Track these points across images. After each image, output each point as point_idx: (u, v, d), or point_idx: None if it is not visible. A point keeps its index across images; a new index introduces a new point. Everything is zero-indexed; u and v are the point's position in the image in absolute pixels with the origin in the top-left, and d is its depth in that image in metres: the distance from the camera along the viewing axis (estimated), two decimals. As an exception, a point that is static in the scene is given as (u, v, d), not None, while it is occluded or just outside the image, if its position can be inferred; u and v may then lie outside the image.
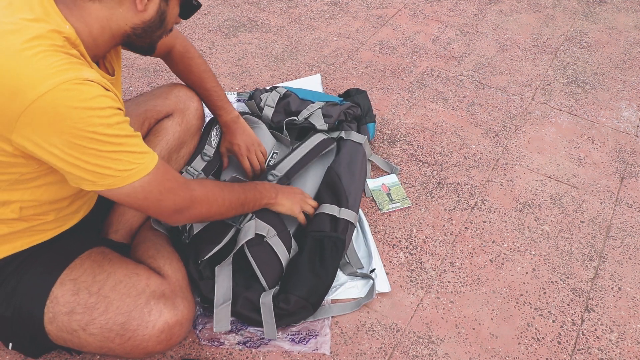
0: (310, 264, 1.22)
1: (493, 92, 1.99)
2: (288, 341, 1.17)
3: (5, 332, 1.02)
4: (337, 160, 1.48)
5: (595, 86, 2.04)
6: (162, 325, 0.98)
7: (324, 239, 1.27)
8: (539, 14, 2.48)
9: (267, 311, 1.16)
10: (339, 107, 1.59)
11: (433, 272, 1.35)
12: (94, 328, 0.96)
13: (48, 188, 0.95)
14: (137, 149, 0.89)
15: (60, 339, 0.99)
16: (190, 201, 1.00)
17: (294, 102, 1.61)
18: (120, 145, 0.85)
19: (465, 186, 1.60)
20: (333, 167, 1.46)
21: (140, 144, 0.90)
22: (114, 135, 0.83)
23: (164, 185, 0.94)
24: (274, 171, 1.44)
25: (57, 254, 1.02)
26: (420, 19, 2.40)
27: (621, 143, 1.79)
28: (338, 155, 1.50)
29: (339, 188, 1.39)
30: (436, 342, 1.21)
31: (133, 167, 0.88)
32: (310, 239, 1.27)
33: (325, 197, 1.38)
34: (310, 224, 1.32)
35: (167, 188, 0.95)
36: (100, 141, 0.82)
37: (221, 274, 1.19)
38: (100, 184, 0.87)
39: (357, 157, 1.51)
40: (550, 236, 1.47)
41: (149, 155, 0.91)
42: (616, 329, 1.26)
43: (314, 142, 1.52)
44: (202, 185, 1.05)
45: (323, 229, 1.29)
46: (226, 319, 1.16)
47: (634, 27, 2.42)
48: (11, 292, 0.97)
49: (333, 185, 1.41)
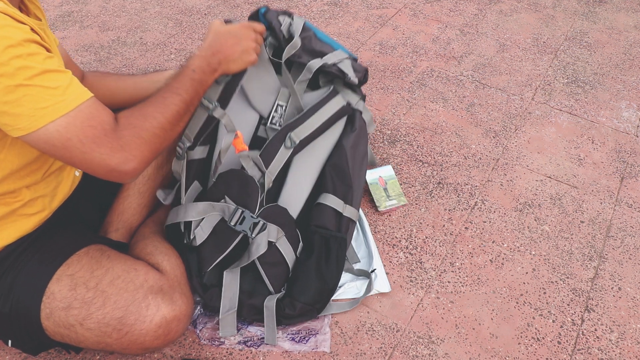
0: (317, 267, 1.19)
1: (493, 92, 1.99)
2: (288, 340, 1.17)
3: (4, 328, 1.02)
4: (348, 137, 1.26)
5: (595, 86, 2.04)
6: (159, 320, 0.98)
7: (330, 240, 1.21)
8: (539, 14, 2.48)
9: (269, 315, 1.15)
10: (360, 65, 1.34)
11: (433, 272, 1.35)
12: (91, 323, 0.96)
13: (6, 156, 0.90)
14: (54, 83, 0.78)
15: (57, 334, 0.99)
16: (122, 152, 0.84)
17: (314, 41, 1.29)
18: (32, 78, 0.76)
19: (465, 186, 1.60)
20: (344, 144, 1.24)
21: (62, 79, 0.80)
22: (25, 67, 0.75)
23: (85, 133, 0.81)
24: (292, 134, 1.19)
25: (54, 250, 1.02)
26: (420, 19, 2.40)
27: (621, 143, 1.79)
28: (350, 129, 1.28)
29: (346, 176, 1.24)
30: (436, 342, 1.21)
31: (47, 106, 0.77)
32: (318, 238, 1.21)
33: (330, 182, 1.23)
34: (314, 217, 1.22)
35: (90, 136, 0.81)
36: (8, 75, 0.74)
37: (228, 280, 1.16)
38: (18, 128, 0.77)
39: (363, 138, 1.30)
40: (550, 236, 1.47)
41: (72, 92, 0.80)
42: (616, 329, 1.26)
43: (336, 106, 1.25)
44: (130, 124, 0.87)
45: (328, 227, 1.22)
46: (232, 324, 1.15)
47: (634, 27, 2.42)
48: (9, 287, 0.98)
49: (341, 171, 1.24)
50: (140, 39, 2.24)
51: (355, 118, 1.29)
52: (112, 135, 0.84)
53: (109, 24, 2.33)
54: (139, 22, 2.35)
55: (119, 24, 2.34)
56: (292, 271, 1.20)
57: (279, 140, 1.20)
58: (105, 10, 2.44)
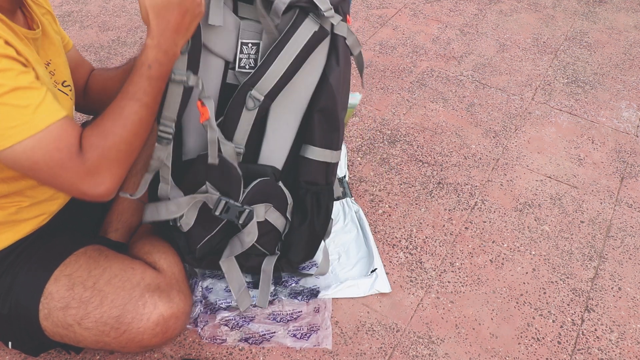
0: (310, 228, 1.20)
1: (493, 92, 1.99)
2: (290, 337, 1.17)
3: (4, 330, 1.02)
4: (333, 71, 1.07)
5: (595, 86, 2.04)
6: (157, 317, 0.98)
7: (320, 195, 1.16)
8: (539, 14, 2.48)
9: (265, 279, 1.18)
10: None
11: (433, 272, 1.35)
12: (89, 322, 0.96)
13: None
14: (24, 102, 0.75)
15: (56, 334, 0.99)
16: (90, 177, 0.82)
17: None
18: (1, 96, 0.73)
19: (465, 186, 1.60)
20: (331, 81, 1.07)
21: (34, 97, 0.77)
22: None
23: (52, 156, 0.78)
24: (252, 92, 1.03)
25: (52, 251, 1.02)
26: (420, 19, 2.40)
27: (621, 143, 1.79)
28: (336, 62, 1.08)
29: (335, 120, 1.10)
30: (436, 342, 1.21)
31: (15, 125, 0.75)
32: (309, 196, 1.16)
33: (318, 131, 1.10)
34: (302, 172, 1.14)
35: (56, 160, 0.79)
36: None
37: (226, 267, 1.17)
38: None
39: (348, 66, 1.12)
40: (550, 236, 1.47)
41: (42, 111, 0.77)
42: (616, 329, 1.26)
43: (305, 35, 1.01)
44: (92, 145, 0.83)
45: (318, 182, 1.15)
46: (247, 298, 1.19)
47: (634, 27, 2.42)
48: (7, 289, 0.98)
49: (331, 115, 1.09)
50: (140, 39, 2.24)
51: (338, 45, 1.08)
52: (77, 160, 0.81)
53: (109, 24, 2.33)
54: (139, 22, 2.35)
55: (119, 24, 2.34)
56: (286, 235, 1.21)
57: (239, 103, 1.05)
58: (105, 10, 2.44)
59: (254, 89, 1.03)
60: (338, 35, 1.08)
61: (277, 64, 1.02)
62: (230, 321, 1.19)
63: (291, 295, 1.24)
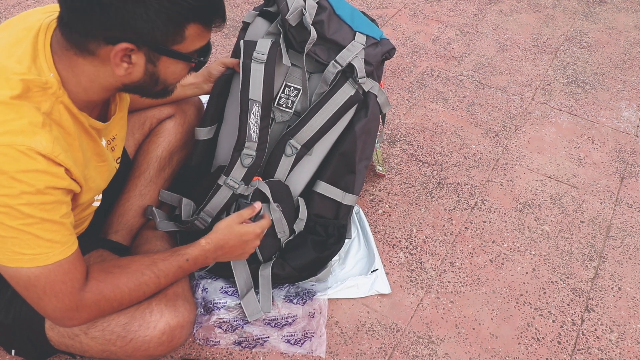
0: (315, 240, 1.24)
1: (493, 92, 1.99)
2: (283, 342, 1.17)
3: (7, 338, 1.02)
4: (360, 121, 1.21)
5: (595, 86, 2.04)
6: (163, 326, 0.98)
7: (328, 227, 1.26)
8: (539, 14, 2.48)
9: (265, 284, 1.19)
10: (380, 49, 1.23)
11: (433, 272, 1.36)
12: (95, 331, 0.96)
13: None
14: (48, 235, 0.79)
15: (62, 344, 0.98)
16: (73, 312, 0.87)
17: (331, 24, 1.18)
18: (29, 225, 0.76)
19: (465, 186, 1.60)
20: (356, 129, 1.20)
21: (57, 233, 0.80)
22: (28, 214, 0.76)
23: (53, 287, 0.82)
24: (291, 141, 1.17)
25: None
26: (420, 19, 2.40)
27: (621, 143, 1.79)
28: (364, 114, 1.22)
29: (352, 162, 1.21)
30: (436, 342, 1.21)
31: (28, 253, 0.78)
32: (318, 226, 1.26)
33: (332, 171, 1.22)
34: (312, 205, 1.24)
35: (56, 291, 0.83)
36: (9, 215, 0.75)
37: (236, 265, 1.19)
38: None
39: (376, 121, 1.24)
40: (550, 236, 1.47)
41: (59, 248, 0.81)
42: (616, 329, 1.26)
43: (343, 97, 1.17)
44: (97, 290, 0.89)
45: (326, 216, 1.26)
46: (254, 304, 1.18)
47: (634, 27, 2.42)
48: (10, 299, 0.97)
49: (349, 159, 1.21)
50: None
51: (369, 103, 1.21)
52: (75, 296, 0.86)
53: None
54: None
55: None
56: (285, 244, 1.23)
57: (280, 149, 1.18)
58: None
59: (293, 138, 1.17)
60: (370, 93, 1.22)
61: (315, 119, 1.16)
62: (225, 322, 1.19)
63: (287, 299, 1.22)
